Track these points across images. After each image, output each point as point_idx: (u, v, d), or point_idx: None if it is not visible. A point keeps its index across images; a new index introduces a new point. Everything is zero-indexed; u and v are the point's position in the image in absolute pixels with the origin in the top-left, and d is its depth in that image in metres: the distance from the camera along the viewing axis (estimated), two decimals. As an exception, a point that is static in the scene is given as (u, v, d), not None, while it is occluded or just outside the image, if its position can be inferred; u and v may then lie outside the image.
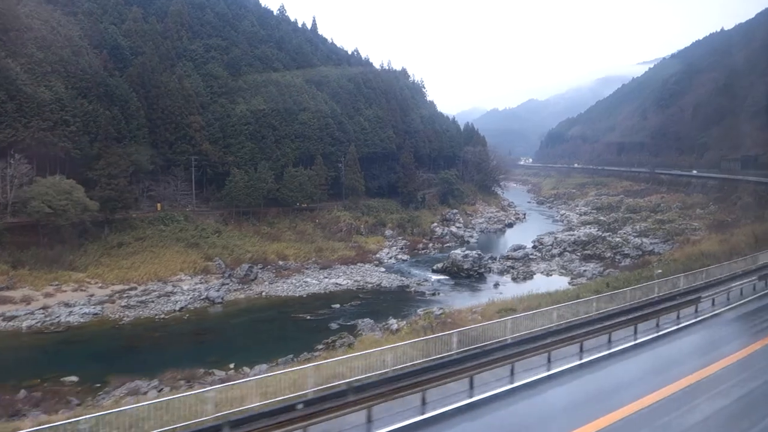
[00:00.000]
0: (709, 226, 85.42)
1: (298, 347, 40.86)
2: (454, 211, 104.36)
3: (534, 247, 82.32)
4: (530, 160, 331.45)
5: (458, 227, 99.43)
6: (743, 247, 41.45)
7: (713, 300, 27.63)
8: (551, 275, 68.00)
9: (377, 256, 77.43)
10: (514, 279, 66.50)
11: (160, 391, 33.27)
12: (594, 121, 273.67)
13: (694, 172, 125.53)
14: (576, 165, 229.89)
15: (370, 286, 63.27)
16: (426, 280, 65.50)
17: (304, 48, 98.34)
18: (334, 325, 47.54)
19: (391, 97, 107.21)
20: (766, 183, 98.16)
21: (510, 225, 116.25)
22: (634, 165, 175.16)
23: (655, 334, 23.08)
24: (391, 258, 77.90)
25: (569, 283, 57.77)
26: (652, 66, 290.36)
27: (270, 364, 36.67)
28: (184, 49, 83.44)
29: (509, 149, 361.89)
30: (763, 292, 30.37)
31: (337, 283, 63.35)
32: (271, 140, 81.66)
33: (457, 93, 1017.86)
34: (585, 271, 67.00)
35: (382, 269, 71.35)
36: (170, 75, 75.99)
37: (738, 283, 30.18)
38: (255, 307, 55.12)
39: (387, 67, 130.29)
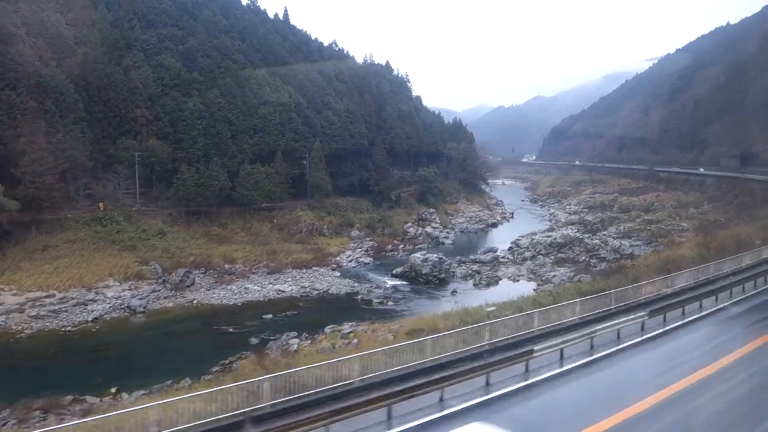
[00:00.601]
0: (697, 228, 79.58)
1: (197, 367, 36.22)
2: (431, 210, 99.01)
3: (510, 249, 76.97)
4: (534, 157, 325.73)
5: (434, 227, 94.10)
6: (688, 259, 35.88)
7: (561, 352, 18.87)
8: (518, 281, 62.87)
9: (337, 259, 72.40)
10: (476, 285, 61.36)
11: (4, 424, 28.64)
12: (597, 117, 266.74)
13: (701, 170, 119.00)
14: (577, 162, 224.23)
15: (316, 293, 58.38)
16: (379, 287, 60.46)
17: (271, 38, 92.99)
18: (254, 340, 42.74)
19: (366, 90, 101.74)
20: (763, 181, 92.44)
21: (494, 225, 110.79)
22: (634, 162, 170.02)
23: (423, 420, 14.77)
24: (352, 261, 72.84)
25: (534, 290, 52.71)
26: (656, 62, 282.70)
27: (145, 391, 31.88)
28: (135, 39, 78.56)
29: (513, 146, 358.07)
30: (646, 336, 22.29)
31: (280, 290, 58.44)
32: (226, 135, 76.65)
33: (464, 90, 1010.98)
34: (554, 276, 61.52)
35: (338, 274, 66.34)
36: (115, 66, 71.21)
37: (618, 321, 21.63)
38: (180, 317, 50.33)
39: (369, 61, 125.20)
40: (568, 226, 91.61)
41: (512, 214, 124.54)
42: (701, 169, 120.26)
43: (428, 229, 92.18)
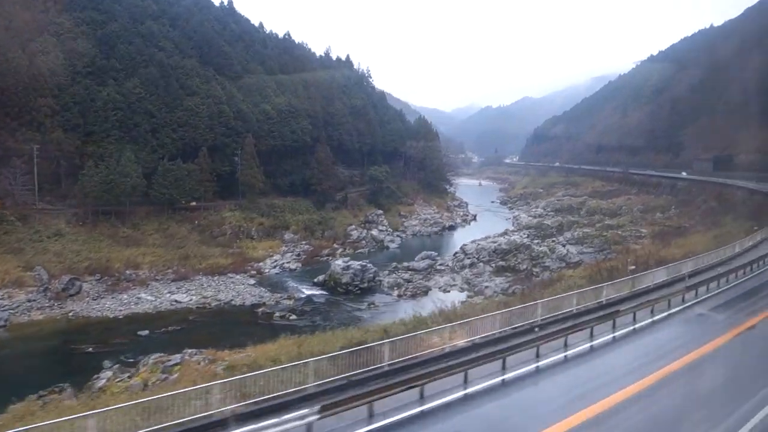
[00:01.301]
0: (655, 235, 74.26)
1: (11, 399, 30.00)
2: (379, 212, 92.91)
3: (455, 254, 71.24)
4: (516, 158, 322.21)
5: (381, 230, 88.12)
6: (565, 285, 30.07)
7: None
8: (449, 291, 57.13)
9: (259, 264, 66.29)
10: (400, 296, 55.47)
11: None
12: (578, 119, 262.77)
13: (683, 174, 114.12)
14: (556, 164, 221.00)
15: (216, 303, 52.28)
16: (292, 297, 54.41)
17: (206, 26, 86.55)
18: (108, 363, 36.34)
19: (312, 84, 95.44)
20: (731, 185, 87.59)
21: (452, 228, 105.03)
22: (611, 164, 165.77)
23: None
24: (276, 267, 66.75)
25: (461, 302, 46.97)
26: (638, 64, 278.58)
27: None
28: (49, 22, 72.11)
29: (496, 147, 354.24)
30: None
31: (176, 300, 52.28)
32: (145, 129, 70.39)
33: (454, 91, 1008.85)
34: (487, 287, 55.82)
35: (253, 281, 60.23)
36: (18, 50, 64.76)
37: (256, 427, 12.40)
38: (44, 332, 44.01)
39: (327, 54, 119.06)
40: (521, 231, 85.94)
41: (475, 216, 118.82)
42: (683, 173, 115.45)
43: (374, 232, 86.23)
